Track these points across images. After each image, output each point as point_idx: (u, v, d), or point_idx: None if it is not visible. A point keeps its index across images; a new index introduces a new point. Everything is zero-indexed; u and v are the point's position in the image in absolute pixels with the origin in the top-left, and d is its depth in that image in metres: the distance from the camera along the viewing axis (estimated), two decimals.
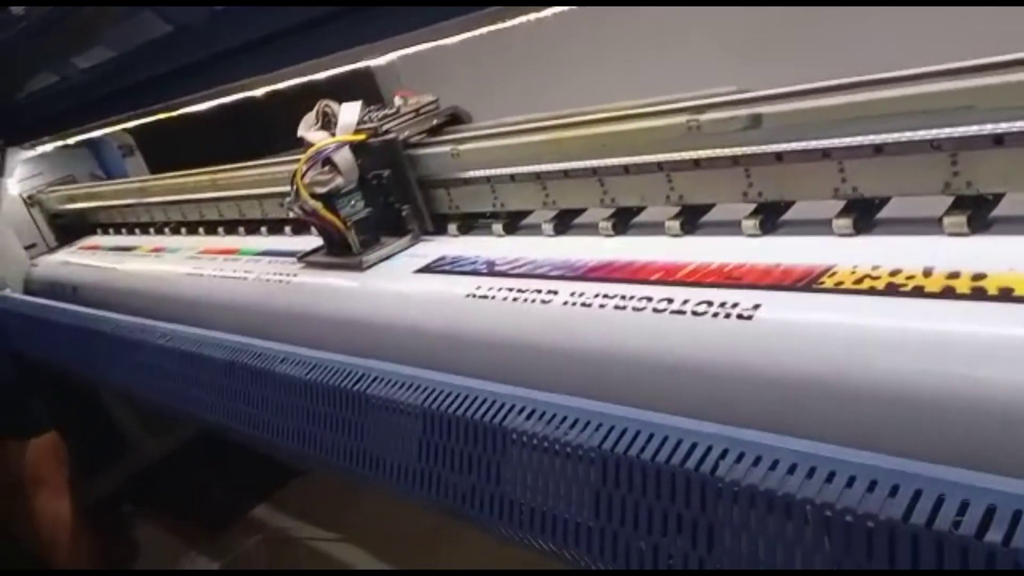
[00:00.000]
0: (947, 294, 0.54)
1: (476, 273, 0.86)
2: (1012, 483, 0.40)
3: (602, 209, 0.87)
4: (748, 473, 0.49)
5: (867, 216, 0.67)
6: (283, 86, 1.24)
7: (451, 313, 0.83)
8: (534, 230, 0.94)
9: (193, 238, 1.51)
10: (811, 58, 0.95)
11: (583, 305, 0.72)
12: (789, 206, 0.73)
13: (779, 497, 0.47)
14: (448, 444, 0.69)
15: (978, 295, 0.52)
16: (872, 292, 0.57)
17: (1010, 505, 0.39)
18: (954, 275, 0.55)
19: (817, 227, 0.69)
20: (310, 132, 1.04)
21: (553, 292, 0.76)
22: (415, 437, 0.71)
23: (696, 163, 0.75)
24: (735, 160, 0.72)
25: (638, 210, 0.85)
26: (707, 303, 0.64)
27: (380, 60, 1.05)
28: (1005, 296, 0.51)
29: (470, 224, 1.02)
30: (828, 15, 1.38)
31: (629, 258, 0.77)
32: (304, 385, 0.84)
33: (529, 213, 0.97)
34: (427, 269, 0.93)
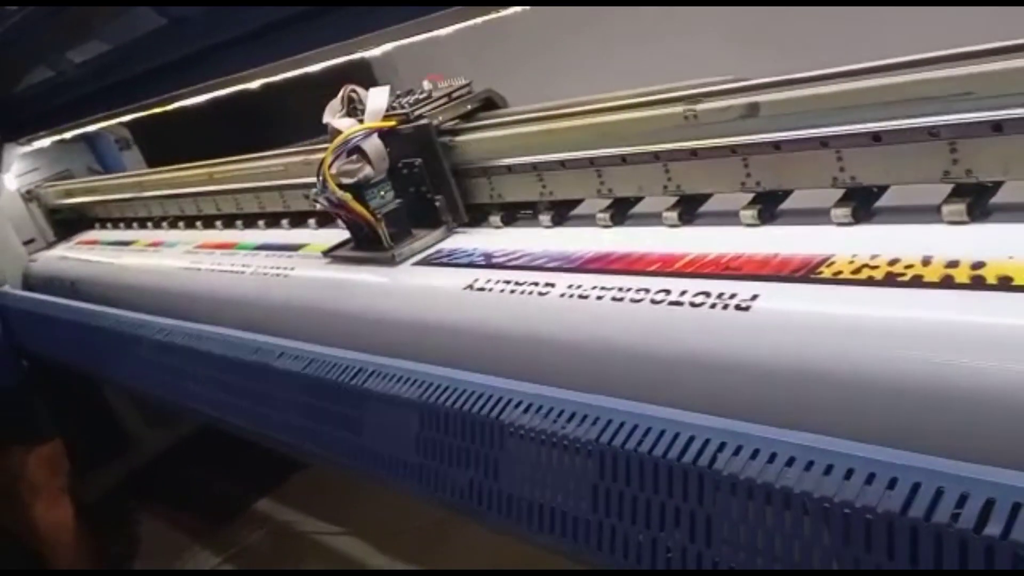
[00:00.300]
0: (946, 283, 0.53)
1: (473, 265, 0.86)
2: (1011, 475, 0.39)
3: (599, 200, 0.86)
4: (746, 466, 0.49)
5: (866, 205, 0.66)
6: (279, 78, 1.24)
7: (449, 305, 0.83)
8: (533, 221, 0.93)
9: (191, 232, 1.50)
10: (811, 47, 0.94)
11: (580, 297, 0.72)
12: (787, 195, 0.73)
13: (777, 490, 0.47)
14: (446, 438, 0.68)
15: (977, 284, 0.52)
16: (871, 282, 0.57)
17: (1009, 497, 0.38)
18: (953, 264, 0.55)
19: (815, 216, 0.69)
20: (336, 119, 0.97)
21: (550, 284, 0.75)
22: (412, 431, 0.71)
23: (693, 153, 0.75)
24: (732, 149, 0.71)
25: (635, 200, 0.84)
26: (705, 294, 0.63)
27: (375, 52, 1.04)
28: (1004, 285, 0.51)
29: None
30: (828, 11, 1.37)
31: (626, 249, 0.76)
32: (301, 380, 0.84)
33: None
34: (425, 262, 0.92)
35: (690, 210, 0.79)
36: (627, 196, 0.84)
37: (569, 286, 0.73)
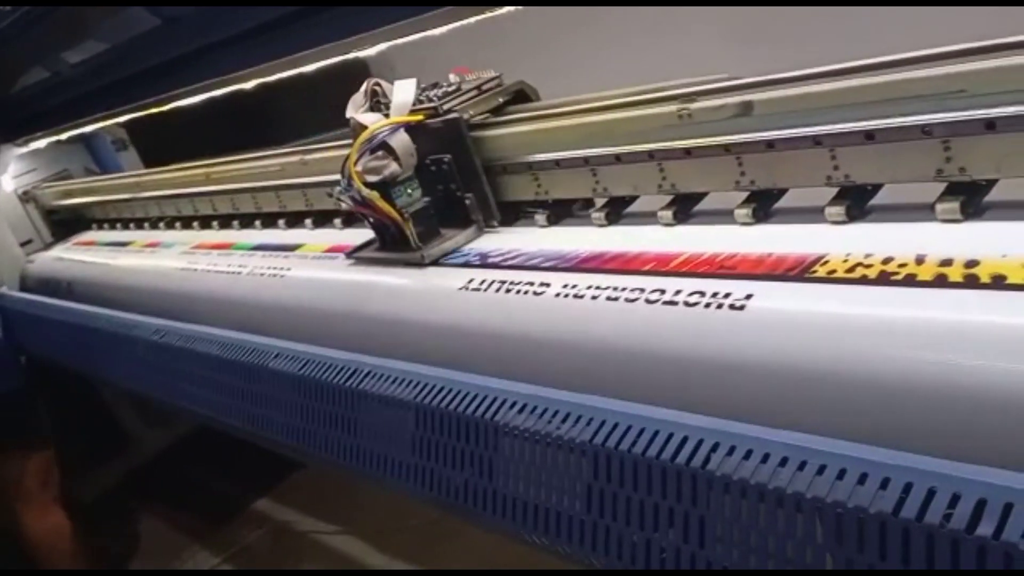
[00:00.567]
0: (939, 282, 0.53)
1: (468, 265, 0.86)
2: (1003, 475, 0.39)
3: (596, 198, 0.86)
4: (739, 466, 0.49)
5: (860, 203, 0.66)
6: (274, 78, 1.24)
7: (448, 305, 0.83)
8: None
9: (188, 232, 1.50)
10: (805, 45, 0.93)
11: (575, 297, 0.72)
12: (782, 194, 0.73)
13: (770, 490, 0.47)
14: (441, 439, 0.68)
15: (971, 283, 0.52)
16: (864, 281, 0.57)
17: (1001, 498, 0.38)
18: (947, 262, 0.54)
19: (810, 215, 0.68)
20: (360, 113, 0.92)
21: (546, 284, 0.75)
22: (408, 432, 0.71)
23: (688, 152, 0.74)
24: (726, 148, 0.71)
25: (630, 199, 0.84)
26: (699, 293, 0.63)
27: (370, 51, 1.04)
28: (998, 284, 0.50)
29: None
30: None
31: (621, 249, 0.76)
32: (297, 380, 0.84)
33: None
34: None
35: (685, 209, 0.79)
36: (622, 195, 0.84)
37: (564, 286, 0.73)
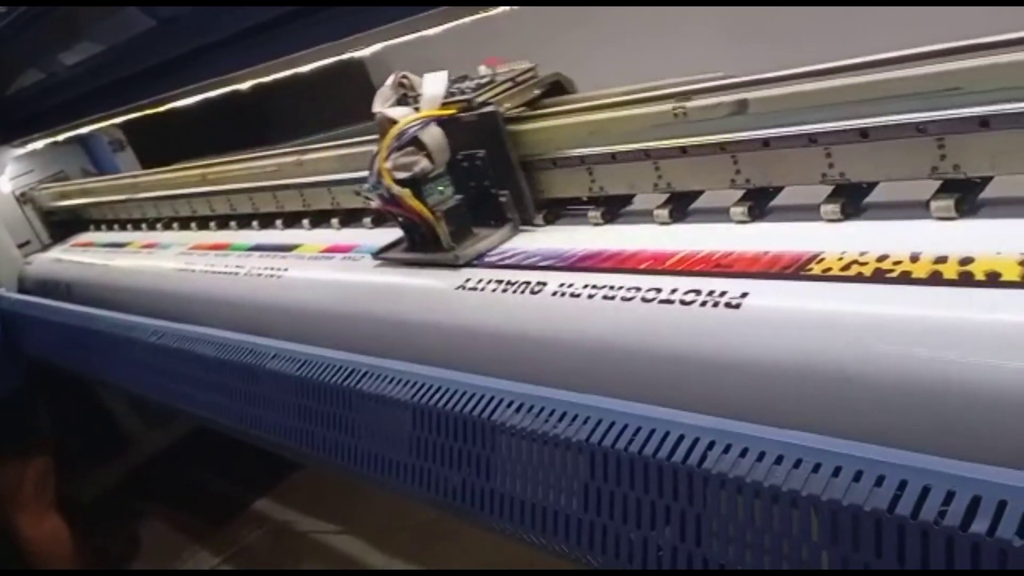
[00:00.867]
0: (934, 280, 0.53)
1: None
2: (997, 472, 0.40)
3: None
4: (735, 465, 0.49)
5: (855, 201, 0.66)
6: (271, 79, 1.24)
7: (442, 305, 0.83)
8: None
9: (186, 233, 1.50)
10: (801, 42, 0.94)
11: (572, 296, 0.72)
12: (777, 192, 0.73)
13: (766, 488, 0.47)
14: (438, 438, 0.68)
15: (965, 280, 0.52)
16: (859, 278, 0.57)
17: (995, 495, 0.38)
18: (941, 260, 0.55)
19: (805, 213, 0.69)
20: (388, 107, 0.88)
21: (542, 283, 0.75)
22: (405, 432, 0.71)
23: (683, 150, 0.75)
24: (722, 147, 0.71)
25: (627, 198, 0.84)
26: (695, 292, 0.63)
27: (366, 51, 1.04)
28: (992, 281, 0.51)
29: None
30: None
31: (618, 247, 0.76)
32: (294, 381, 0.84)
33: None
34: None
35: (681, 207, 0.79)
36: (618, 194, 0.84)
37: (561, 284, 0.74)
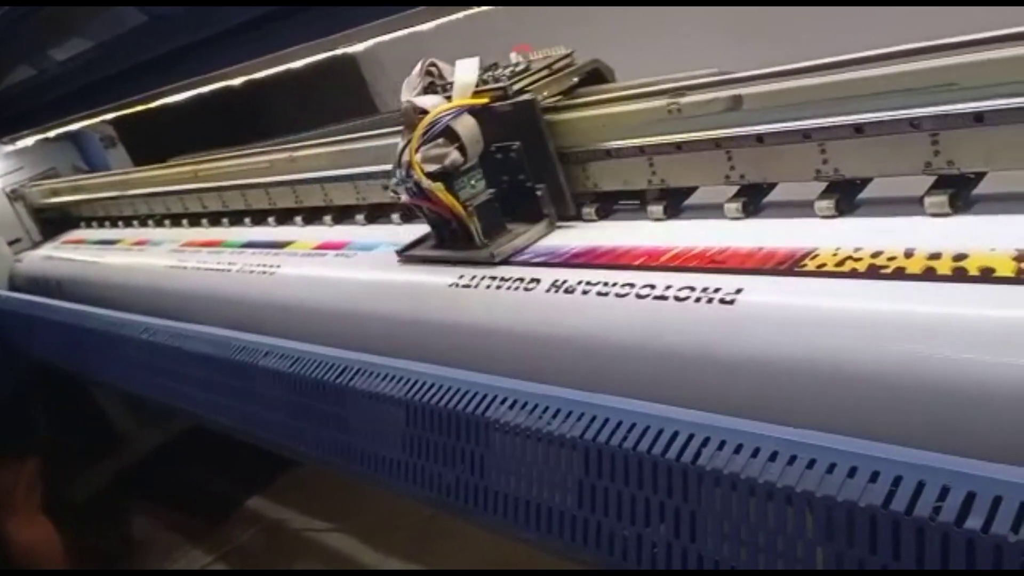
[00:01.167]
0: (928, 275, 0.53)
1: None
2: (992, 468, 0.39)
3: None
4: (730, 461, 0.49)
5: (849, 197, 0.66)
6: (263, 75, 1.23)
7: (436, 303, 0.83)
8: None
9: (177, 230, 1.49)
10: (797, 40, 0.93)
11: (566, 292, 0.72)
12: (772, 188, 0.73)
13: (761, 485, 0.47)
14: (432, 435, 0.68)
15: (959, 276, 0.52)
16: (853, 274, 0.57)
17: (990, 491, 0.38)
18: (935, 256, 0.54)
19: (800, 209, 0.68)
20: (417, 96, 0.84)
21: (536, 280, 0.75)
22: (399, 429, 0.71)
23: (678, 146, 0.74)
24: (716, 143, 0.71)
25: (622, 194, 0.84)
26: (689, 288, 0.63)
27: (358, 47, 1.04)
28: (986, 277, 0.51)
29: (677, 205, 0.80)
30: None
31: (612, 243, 0.76)
32: (288, 378, 0.84)
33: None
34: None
35: (676, 203, 0.78)
36: (613, 190, 0.84)
37: (554, 281, 0.73)
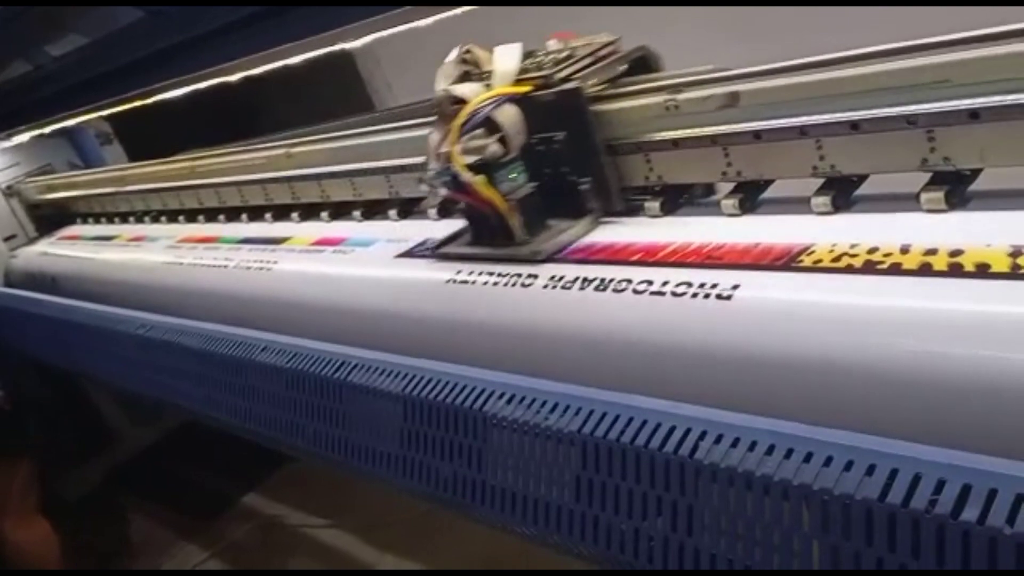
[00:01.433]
0: (924, 271, 0.53)
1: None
2: (988, 461, 0.40)
3: None
4: (727, 455, 0.49)
5: (845, 194, 0.66)
6: (259, 71, 1.23)
7: (432, 299, 0.83)
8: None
9: (174, 226, 1.49)
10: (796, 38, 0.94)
11: (563, 288, 0.72)
12: (768, 185, 0.73)
13: (757, 478, 0.47)
14: (429, 431, 0.68)
15: (955, 272, 0.52)
16: (850, 270, 0.57)
17: (986, 484, 0.39)
18: (931, 251, 0.55)
19: (796, 205, 0.69)
20: (454, 84, 0.79)
21: (533, 276, 0.75)
22: (396, 424, 0.71)
23: (675, 143, 0.75)
24: (713, 139, 0.71)
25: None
26: (687, 284, 0.64)
27: (355, 43, 1.04)
28: (982, 272, 0.51)
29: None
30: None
31: (610, 240, 0.76)
32: (284, 373, 0.84)
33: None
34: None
35: (673, 200, 0.79)
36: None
37: (552, 277, 0.73)
